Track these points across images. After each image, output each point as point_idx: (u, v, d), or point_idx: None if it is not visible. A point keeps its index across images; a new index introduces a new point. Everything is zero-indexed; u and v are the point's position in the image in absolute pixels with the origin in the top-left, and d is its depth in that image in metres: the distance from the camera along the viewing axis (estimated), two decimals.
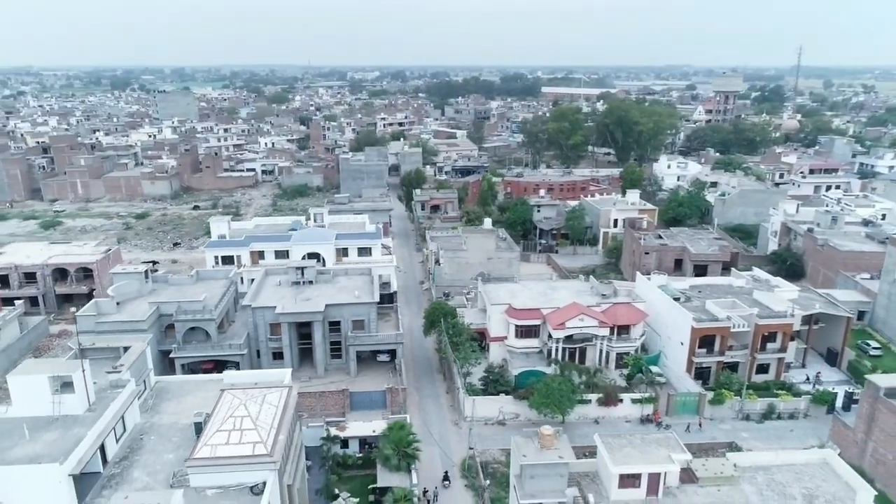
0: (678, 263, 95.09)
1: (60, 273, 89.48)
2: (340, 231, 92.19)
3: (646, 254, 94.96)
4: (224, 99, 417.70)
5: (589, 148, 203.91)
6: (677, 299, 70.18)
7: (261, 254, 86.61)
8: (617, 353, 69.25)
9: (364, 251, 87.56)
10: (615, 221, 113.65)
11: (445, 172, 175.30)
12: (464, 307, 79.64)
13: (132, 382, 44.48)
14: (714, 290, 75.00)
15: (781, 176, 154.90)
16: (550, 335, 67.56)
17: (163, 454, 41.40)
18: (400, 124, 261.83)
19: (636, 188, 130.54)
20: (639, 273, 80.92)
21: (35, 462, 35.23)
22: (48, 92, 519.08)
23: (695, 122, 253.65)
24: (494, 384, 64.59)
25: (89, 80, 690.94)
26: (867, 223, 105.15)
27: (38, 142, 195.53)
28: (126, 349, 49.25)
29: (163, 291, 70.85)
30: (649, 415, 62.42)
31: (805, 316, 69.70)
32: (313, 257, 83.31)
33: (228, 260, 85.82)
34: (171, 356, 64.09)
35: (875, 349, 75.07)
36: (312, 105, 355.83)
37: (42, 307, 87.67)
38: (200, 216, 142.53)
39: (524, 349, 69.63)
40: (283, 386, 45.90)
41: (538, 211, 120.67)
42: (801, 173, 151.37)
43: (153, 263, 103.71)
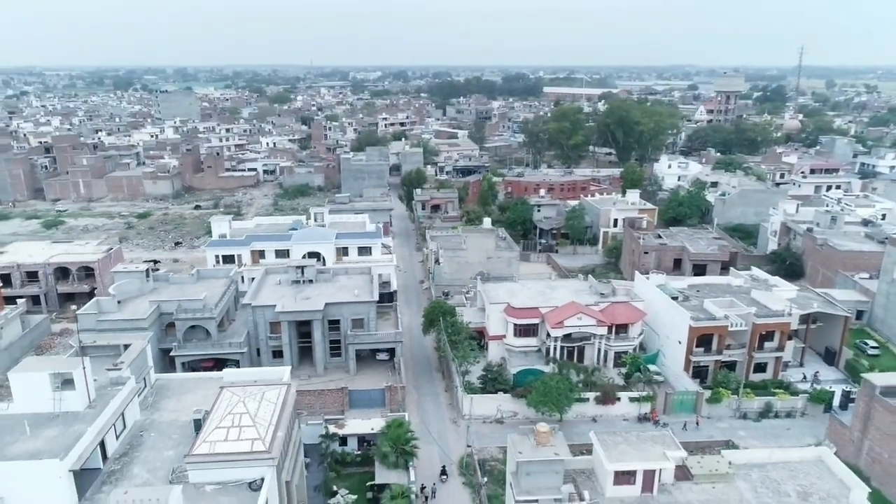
0: (677, 263, 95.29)
1: (62, 272, 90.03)
2: (341, 230, 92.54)
3: (645, 253, 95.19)
4: (226, 99, 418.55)
5: (590, 148, 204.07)
6: (675, 298, 70.44)
7: (261, 253, 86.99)
8: (615, 352, 69.43)
9: (364, 250, 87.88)
10: (615, 221, 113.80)
11: (446, 172, 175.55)
12: (463, 306, 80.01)
13: (132, 380, 44.83)
14: (712, 290, 75.24)
15: (782, 176, 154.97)
16: (549, 334, 67.82)
17: (162, 451, 41.74)
18: (401, 124, 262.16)
19: (636, 188, 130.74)
20: (637, 272, 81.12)
21: (36, 458, 35.56)
22: (51, 92, 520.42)
23: (696, 122, 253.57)
24: (493, 382, 64.84)
25: (92, 80, 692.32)
26: (867, 223, 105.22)
27: (41, 142, 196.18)
28: (126, 347, 49.63)
29: (164, 290, 71.19)
30: (647, 413, 62.67)
31: (803, 315, 69.84)
32: (314, 256, 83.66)
33: (229, 259, 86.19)
34: (172, 354, 64.46)
35: (873, 348, 75.28)
36: (314, 105, 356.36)
37: (44, 306, 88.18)
38: (202, 216, 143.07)
39: (523, 348, 69.87)
40: (282, 383, 46.26)
41: (538, 210, 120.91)
42: (802, 173, 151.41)
43: (154, 262, 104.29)
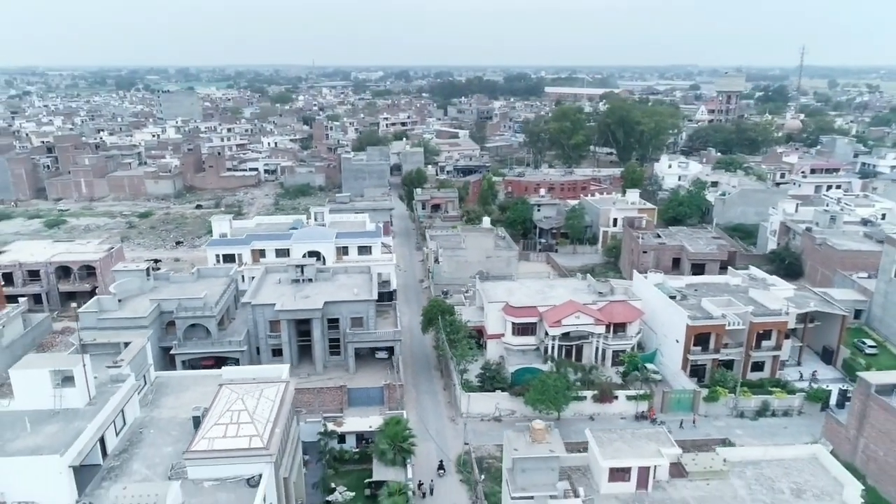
0: (676, 262, 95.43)
1: (64, 271, 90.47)
2: (341, 230, 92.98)
3: (644, 253, 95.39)
4: (228, 99, 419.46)
5: (591, 148, 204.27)
6: (673, 297, 70.65)
7: (262, 252, 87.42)
8: (613, 351, 69.68)
9: (364, 250, 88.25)
10: (614, 221, 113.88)
11: (447, 172, 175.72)
12: (462, 305, 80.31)
13: (132, 377, 45.24)
14: (710, 289, 75.43)
15: (782, 176, 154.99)
16: (547, 333, 68.13)
17: (162, 447, 42.16)
18: (403, 124, 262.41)
19: (637, 188, 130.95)
20: (636, 271, 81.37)
21: (36, 454, 35.99)
22: (53, 92, 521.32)
23: (697, 122, 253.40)
24: (491, 381, 65.11)
25: (94, 80, 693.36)
26: (866, 223, 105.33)
27: (43, 141, 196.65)
28: (127, 345, 50.08)
29: (164, 289, 71.62)
30: (644, 412, 62.90)
31: (800, 314, 70.00)
32: (314, 256, 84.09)
33: (230, 258, 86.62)
34: (172, 353, 64.89)
35: (871, 347, 75.52)
36: (316, 105, 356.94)
37: (45, 305, 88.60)
38: (203, 215, 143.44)
39: (521, 346, 70.10)
40: (281, 381, 46.66)
41: (538, 210, 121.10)
42: (802, 173, 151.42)
43: (156, 262, 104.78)
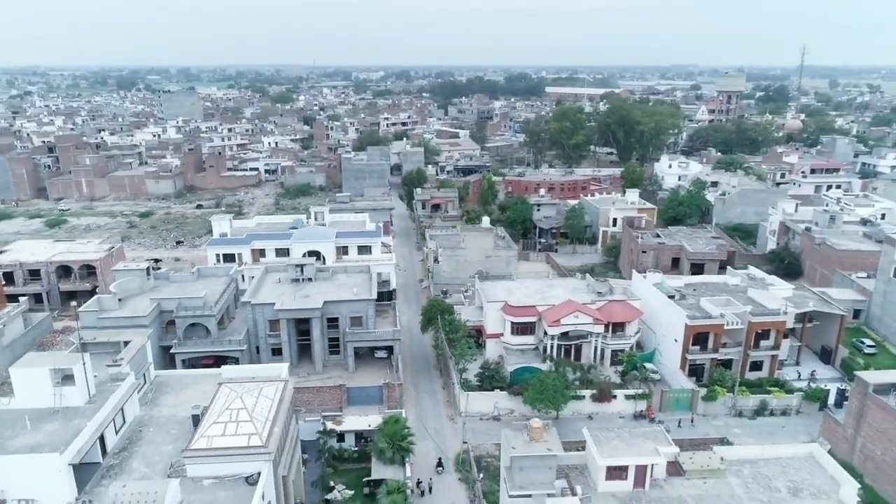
0: (675, 262, 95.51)
1: (64, 270, 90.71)
2: (341, 230, 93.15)
3: (643, 252, 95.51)
4: (229, 99, 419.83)
5: (591, 148, 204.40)
6: (672, 297, 70.78)
7: (262, 252, 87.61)
8: (612, 350, 69.81)
9: (364, 249, 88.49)
10: (614, 220, 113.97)
11: (447, 172, 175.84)
12: (461, 305, 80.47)
13: (132, 376, 45.46)
14: (709, 288, 75.54)
15: (783, 176, 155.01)
16: (546, 332, 68.31)
17: (161, 445, 42.37)
18: (403, 124, 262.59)
19: (637, 188, 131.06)
20: (635, 271, 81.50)
21: (36, 451, 36.23)
22: (55, 92, 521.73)
23: (698, 122, 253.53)
24: (490, 380, 65.23)
25: (95, 80, 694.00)
26: (865, 222, 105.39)
27: (44, 141, 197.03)
28: (126, 344, 50.28)
29: (164, 288, 71.86)
30: (643, 411, 63.03)
31: (799, 314, 70.11)
32: (314, 255, 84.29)
33: (230, 258, 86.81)
34: (172, 352, 65.13)
35: (869, 347, 75.64)
36: (316, 105, 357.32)
37: (46, 304, 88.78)
38: (203, 215, 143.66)
39: (520, 346, 70.29)
40: (280, 380, 46.85)
41: (538, 210, 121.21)
42: (802, 173, 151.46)
43: (156, 261, 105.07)
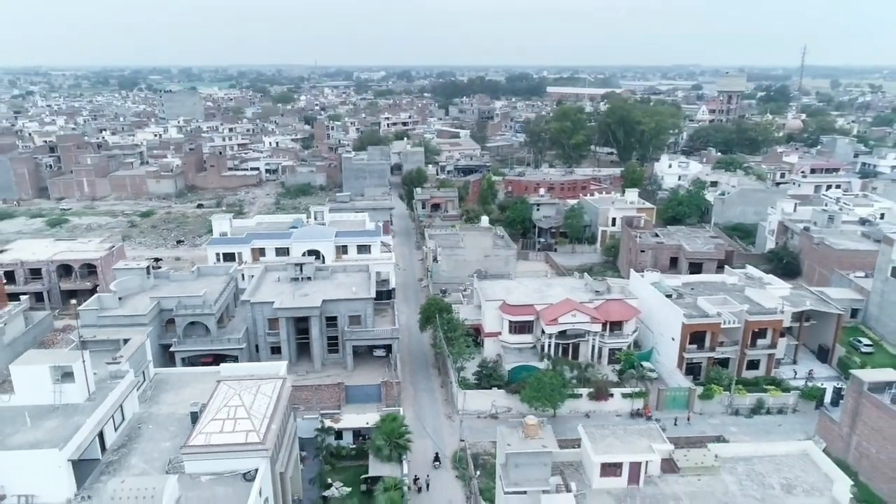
0: (674, 261, 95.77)
1: (65, 269, 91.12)
2: (340, 229, 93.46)
3: (642, 252, 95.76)
4: (230, 99, 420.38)
5: (591, 147, 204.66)
6: (669, 296, 71.02)
7: (261, 251, 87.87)
8: (609, 349, 70.11)
9: (363, 249, 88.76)
10: (613, 220, 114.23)
11: (447, 172, 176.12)
12: (460, 304, 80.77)
13: (131, 373, 45.85)
14: (707, 288, 75.72)
15: (782, 175, 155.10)
16: (544, 331, 68.60)
17: (160, 442, 42.76)
18: (404, 124, 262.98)
19: (637, 187, 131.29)
20: (633, 270, 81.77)
21: (36, 448, 36.64)
22: (56, 92, 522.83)
23: (698, 122, 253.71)
24: (488, 379, 65.56)
25: (97, 80, 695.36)
26: (864, 222, 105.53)
27: (46, 141, 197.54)
28: (126, 341, 50.69)
29: (164, 287, 72.22)
30: (639, 409, 63.32)
31: (796, 313, 70.33)
32: (313, 254, 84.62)
33: (230, 257, 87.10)
34: (172, 350, 65.39)
35: (867, 346, 75.86)
36: (317, 105, 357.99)
37: (47, 303, 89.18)
38: (204, 214, 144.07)
39: (518, 345, 70.60)
40: (278, 378, 47.22)
41: (537, 209, 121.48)
42: (802, 173, 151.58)
43: (156, 260, 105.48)
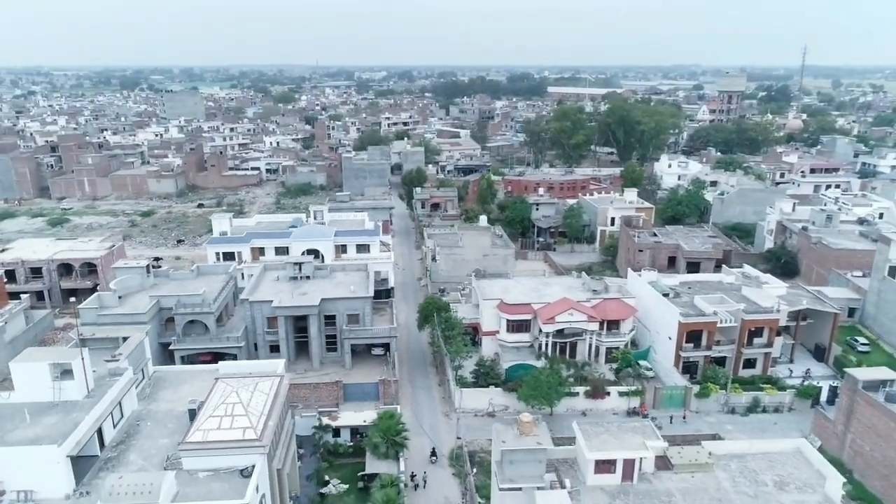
0: (672, 261, 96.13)
1: (66, 268, 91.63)
2: (340, 228, 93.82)
3: (640, 251, 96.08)
4: (231, 99, 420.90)
5: (591, 147, 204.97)
6: (666, 295, 71.32)
7: (261, 250, 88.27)
8: (607, 348, 70.48)
9: (362, 248, 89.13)
10: (612, 220, 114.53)
11: (447, 171, 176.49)
12: (458, 302, 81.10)
13: (130, 371, 46.13)
14: (704, 287, 75.96)
15: (782, 175, 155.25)
16: (541, 330, 68.92)
17: (158, 439, 43.06)
18: (405, 124, 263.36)
19: (636, 187, 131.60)
20: (630, 269, 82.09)
21: (35, 444, 36.90)
22: (58, 92, 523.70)
23: (699, 122, 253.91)
24: (485, 377, 65.95)
25: (99, 80, 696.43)
26: (862, 222, 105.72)
27: (47, 140, 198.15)
28: (125, 339, 51.07)
29: (164, 286, 72.58)
30: (636, 407, 63.65)
31: (792, 312, 70.62)
32: (312, 253, 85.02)
33: (229, 256, 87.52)
34: (171, 348, 65.77)
35: (863, 345, 76.13)
36: (318, 105, 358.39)
37: (48, 301, 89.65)
38: (204, 214, 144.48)
39: (515, 343, 70.94)
40: (275, 375, 47.52)
41: (537, 209, 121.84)
42: (802, 173, 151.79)
43: (157, 260, 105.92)
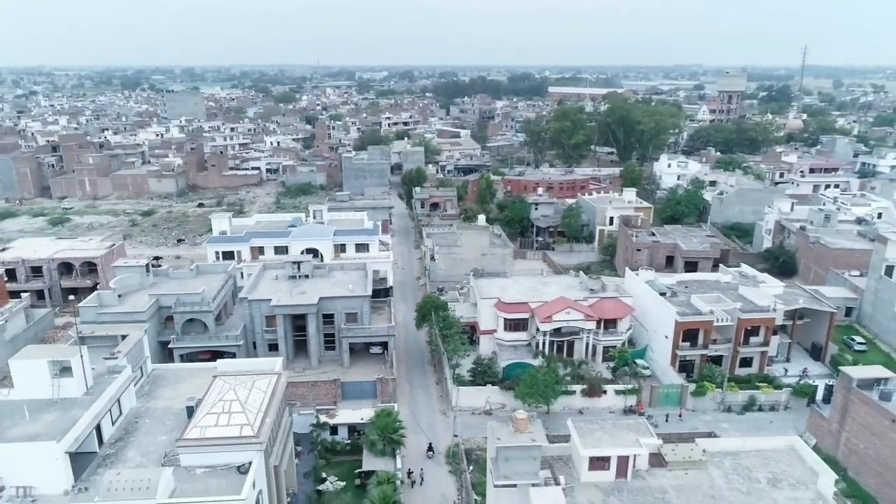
0: (670, 260, 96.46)
1: (66, 267, 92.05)
2: (339, 228, 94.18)
3: (638, 251, 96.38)
4: (232, 98, 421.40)
5: (591, 147, 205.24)
6: (663, 294, 71.59)
7: (260, 249, 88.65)
8: (604, 347, 70.74)
9: (361, 247, 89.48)
10: (611, 219, 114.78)
11: (447, 171, 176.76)
12: (456, 302, 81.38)
13: (128, 368, 46.53)
14: (701, 286, 76.27)
15: (781, 175, 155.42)
16: (538, 328, 69.23)
17: (156, 436, 43.43)
18: (405, 124, 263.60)
19: (636, 187, 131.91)
20: (627, 269, 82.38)
21: (34, 440, 37.32)
22: (59, 92, 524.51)
23: (699, 122, 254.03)
24: (482, 375, 66.30)
25: (100, 80, 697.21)
26: (861, 221, 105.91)
27: (48, 140, 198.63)
28: (124, 338, 51.46)
29: (163, 284, 72.99)
30: (632, 406, 63.94)
31: (789, 311, 70.87)
32: (311, 253, 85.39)
33: (229, 255, 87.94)
34: (170, 347, 66.12)
35: (860, 344, 76.32)
36: (319, 105, 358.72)
37: (48, 300, 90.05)
38: (205, 213, 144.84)
39: (513, 342, 71.23)
40: (273, 373, 47.90)
41: (536, 209, 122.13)
42: (801, 172, 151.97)
43: (157, 259, 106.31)
